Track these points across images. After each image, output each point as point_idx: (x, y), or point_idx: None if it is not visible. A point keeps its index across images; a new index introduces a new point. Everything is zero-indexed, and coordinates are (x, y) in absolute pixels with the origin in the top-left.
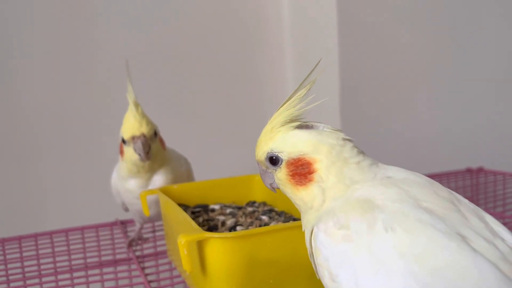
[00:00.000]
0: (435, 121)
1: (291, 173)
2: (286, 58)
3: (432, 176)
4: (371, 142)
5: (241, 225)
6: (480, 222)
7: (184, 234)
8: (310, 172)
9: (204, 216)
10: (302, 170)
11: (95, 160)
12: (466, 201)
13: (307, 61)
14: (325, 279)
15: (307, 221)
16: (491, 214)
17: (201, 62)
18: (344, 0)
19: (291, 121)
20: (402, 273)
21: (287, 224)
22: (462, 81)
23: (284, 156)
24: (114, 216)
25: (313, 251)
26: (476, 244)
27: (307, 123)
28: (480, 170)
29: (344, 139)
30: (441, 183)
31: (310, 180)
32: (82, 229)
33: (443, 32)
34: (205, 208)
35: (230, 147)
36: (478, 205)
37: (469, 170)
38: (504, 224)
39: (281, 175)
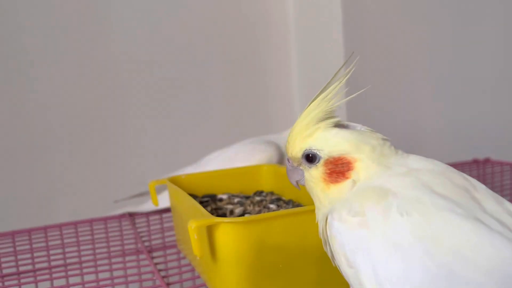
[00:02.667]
0: (442, 112)
1: (328, 171)
2: (291, 57)
3: None
4: None
5: (249, 213)
6: (498, 206)
7: (194, 220)
8: (348, 170)
9: (212, 206)
10: (341, 168)
11: (103, 153)
12: (483, 186)
13: (312, 59)
14: (343, 266)
15: (322, 213)
16: None
17: (207, 61)
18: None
19: (326, 117)
20: (418, 255)
21: (295, 209)
22: (468, 72)
23: (323, 154)
24: (122, 209)
25: (329, 239)
26: (491, 227)
27: (343, 123)
28: (487, 161)
29: (383, 139)
30: None
31: (347, 178)
32: (91, 221)
33: (447, 23)
34: (213, 198)
35: (238, 140)
36: None
37: (475, 161)
38: None
39: (316, 172)
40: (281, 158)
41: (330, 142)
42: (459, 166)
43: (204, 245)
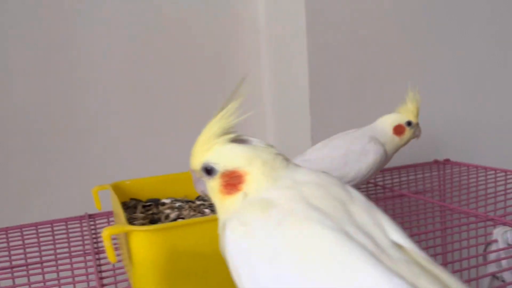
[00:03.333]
0: None
1: (224, 184)
2: (262, 59)
3: (402, 168)
4: None
5: (183, 218)
6: (369, 218)
7: (108, 227)
8: (240, 182)
9: (154, 210)
10: (234, 181)
11: (65, 154)
12: (363, 199)
13: (281, 64)
14: (233, 274)
15: (221, 222)
16: (456, 201)
17: (177, 63)
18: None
19: (225, 132)
20: (290, 266)
21: (204, 217)
22: (429, 77)
23: (219, 167)
24: (83, 210)
25: (223, 248)
26: (357, 238)
27: (241, 137)
28: (446, 161)
29: (276, 154)
30: (409, 174)
31: (238, 190)
32: (51, 222)
33: (410, 27)
34: (156, 202)
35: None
36: (444, 193)
37: (436, 162)
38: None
39: (214, 184)
40: (385, 154)
41: (225, 156)
42: (420, 166)
43: (125, 251)
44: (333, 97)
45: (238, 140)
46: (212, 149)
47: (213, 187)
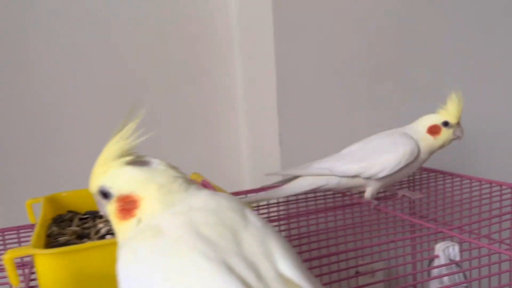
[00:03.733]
0: (378, 123)
1: (119, 208)
2: (235, 60)
3: None
4: (313, 143)
5: (112, 233)
6: (259, 247)
7: (11, 250)
8: (135, 208)
9: (90, 223)
10: (128, 206)
11: (17, 161)
12: (259, 225)
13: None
14: None
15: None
16: (425, 209)
17: (140, 65)
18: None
19: (124, 154)
20: None
21: (111, 240)
22: (403, 83)
23: (114, 192)
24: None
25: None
26: (238, 270)
27: (141, 159)
28: (421, 168)
29: (175, 177)
30: None
31: (132, 216)
32: (3, 231)
33: (387, 28)
34: (94, 215)
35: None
36: (416, 199)
37: None
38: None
39: (110, 208)
40: (418, 151)
41: (120, 180)
42: None
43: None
44: (301, 99)
45: (137, 162)
46: (107, 172)
47: (110, 211)
